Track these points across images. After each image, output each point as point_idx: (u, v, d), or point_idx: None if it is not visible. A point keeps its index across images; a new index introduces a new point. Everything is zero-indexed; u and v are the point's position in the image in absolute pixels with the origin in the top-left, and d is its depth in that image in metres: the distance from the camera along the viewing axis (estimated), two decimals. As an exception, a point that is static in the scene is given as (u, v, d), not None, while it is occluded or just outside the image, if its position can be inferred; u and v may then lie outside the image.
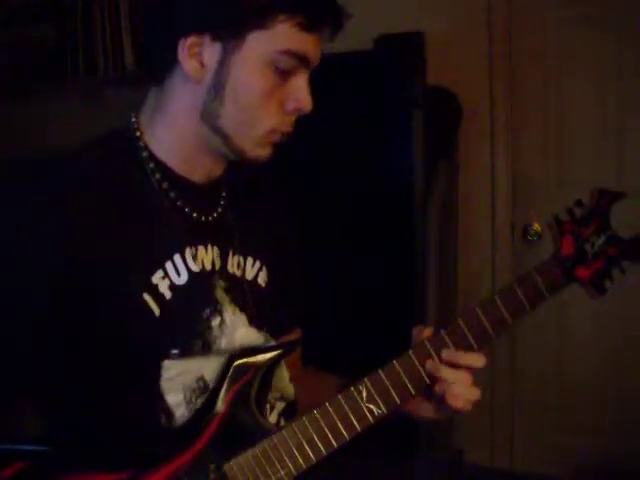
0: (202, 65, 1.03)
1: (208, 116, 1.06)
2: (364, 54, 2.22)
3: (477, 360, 1.09)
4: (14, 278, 1.00)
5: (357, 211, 2.17)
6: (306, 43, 1.05)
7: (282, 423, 1.15)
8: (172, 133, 1.09)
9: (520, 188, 2.53)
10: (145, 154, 1.09)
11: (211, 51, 1.03)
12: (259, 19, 1.01)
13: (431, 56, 2.23)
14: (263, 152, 1.09)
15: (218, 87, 1.04)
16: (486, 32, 2.46)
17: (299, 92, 1.07)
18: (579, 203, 1.17)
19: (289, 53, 1.03)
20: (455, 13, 2.44)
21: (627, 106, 2.40)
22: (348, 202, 2.16)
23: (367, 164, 2.18)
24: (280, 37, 1.02)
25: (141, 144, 1.09)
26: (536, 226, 2.50)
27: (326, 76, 1.17)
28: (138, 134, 1.10)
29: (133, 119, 1.11)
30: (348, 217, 2.16)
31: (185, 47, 1.02)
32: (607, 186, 1.19)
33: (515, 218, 2.54)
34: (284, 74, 1.05)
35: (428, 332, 1.11)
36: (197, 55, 1.03)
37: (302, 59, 1.05)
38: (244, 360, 1.06)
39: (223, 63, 1.03)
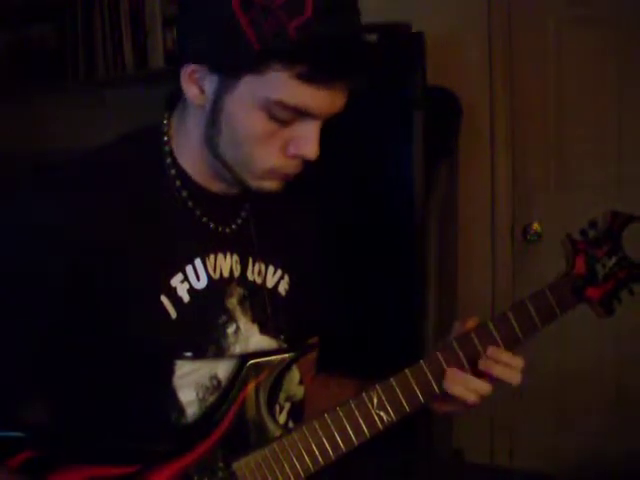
0: (202, 92, 1.01)
1: (209, 143, 1.04)
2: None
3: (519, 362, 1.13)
4: (33, 277, 1.00)
5: (356, 211, 2.16)
6: (308, 96, 0.95)
7: (290, 424, 1.15)
8: (190, 146, 1.08)
9: (520, 188, 2.53)
10: (169, 160, 1.08)
11: (210, 80, 1.00)
12: (252, 63, 0.94)
13: (431, 56, 2.23)
14: (267, 185, 1.05)
15: (215, 118, 1.01)
16: (486, 32, 2.46)
17: (302, 139, 1.00)
18: (593, 224, 1.19)
19: (282, 105, 0.96)
20: (455, 13, 2.44)
21: (627, 106, 2.40)
22: (347, 202, 2.16)
23: (367, 164, 2.18)
24: (274, 86, 0.95)
25: (167, 149, 1.08)
26: (536, 226, 2.50)
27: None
28: (166, 138, 1.09)
29: (165, 120, 1.10)
30: (347, 217, 2.15)
31: (186, 73, 1.00)
32: (620, 209, 1.20)
33: (515, 218, 2.54)
34: (283, 121, 0.98)
35: (472, 323, 1.13)
36: (198, 81, 1.00)
37: (301, 112, 0.97)
38: (258, 360, 1.06)
39: (219, 96, 0.99)
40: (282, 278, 1.17)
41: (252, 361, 1.06)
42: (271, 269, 1.16)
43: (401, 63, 2.16)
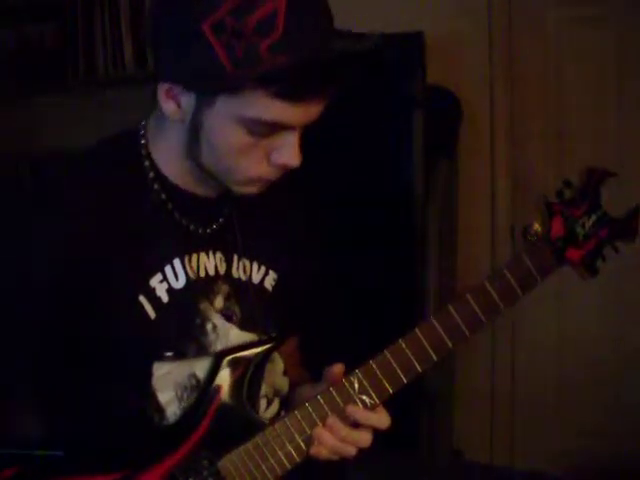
0: (179, 107, 1.00)
1: (191, 154, 1.04)
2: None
3: (382, 421, 1.08)
4: (13, 279, 1.01)
5: (356, 211, 2.16)
6: (284, 111, 0.96)
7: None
8: (170, 153, 1.08)
9: (520, 188, 2.53)
10: (147, 163, 1.08)
11: (187, 97, 0.99)
12: (226, 85, 0.94)
13: (431, 56, 2.23)
14: (250, 190, 1.06)
15: (195, 133, 1.01)
16: (486, 32, 2.46)
17: (284, 149, 1.00)
18: (568, 184, 1.15)
19: (259, 122, 0.97)
20: (455, 13, 2.44)
21: (627, 106, 2.40)
22: (347, 202, 2.16)
23: (367, 164, 2.17)
24: (249, 104, 0.95)
25: (144, 152, 1.08)
26: (536, 226, 2.49)
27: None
28: (143, 141, 1.09)
29: (143, 122, 1.10)
30: (347, 217, 2.15)
31: (163, 90, 1.00)
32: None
33: (515, 218, 2.54)
34: (262, 135, 0.99)
35: (338, 370, 1.08)
36: (175, 97, 1.00)
37: (279, 126, 0.98)
38: (235, 355, 1.06)
39: (197, 114, 0.99)
40: (267, 274, 1.17)
41: (228, 357, 1.06)
42: (256, 265, 1.16)
43: (401, 63, 2.16)
